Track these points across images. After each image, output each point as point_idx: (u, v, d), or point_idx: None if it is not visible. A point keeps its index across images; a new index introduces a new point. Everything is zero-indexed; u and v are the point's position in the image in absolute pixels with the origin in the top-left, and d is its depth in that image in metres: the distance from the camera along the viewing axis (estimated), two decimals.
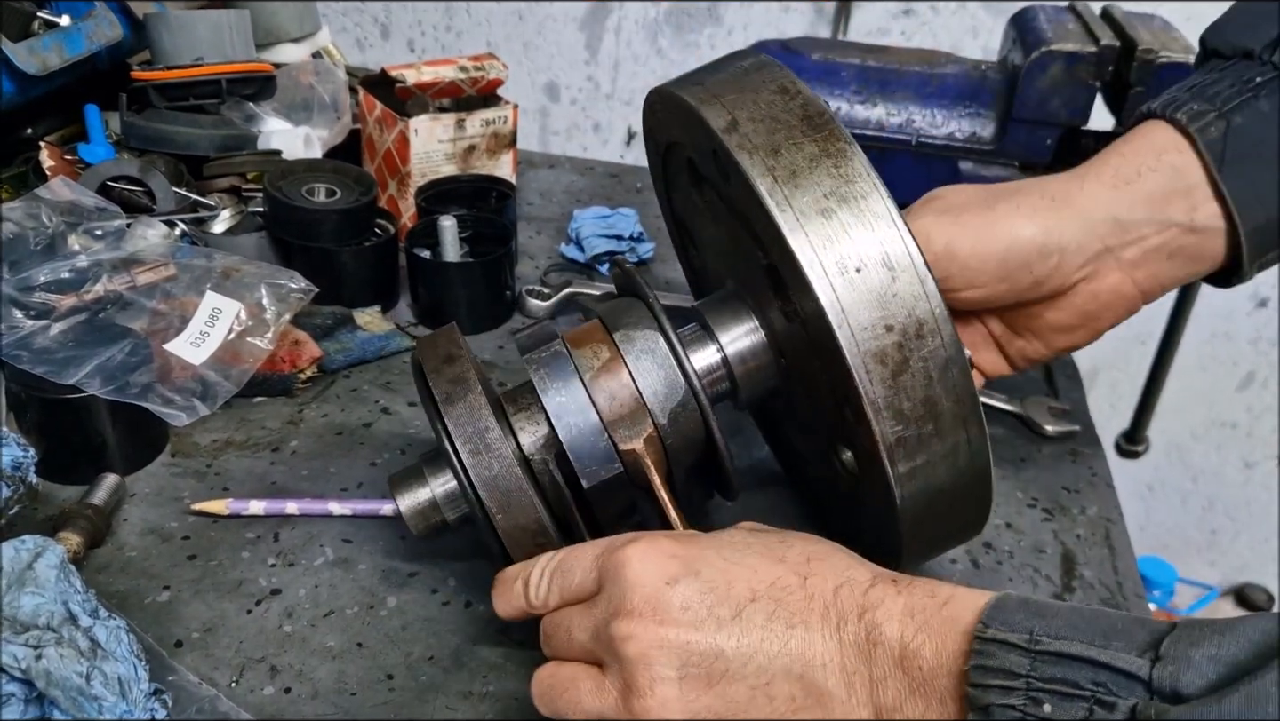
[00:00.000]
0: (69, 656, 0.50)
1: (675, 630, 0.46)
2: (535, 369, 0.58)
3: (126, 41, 1.04)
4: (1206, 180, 0.61)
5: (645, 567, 0.48)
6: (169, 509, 0.69)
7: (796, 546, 0.50)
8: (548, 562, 0.53)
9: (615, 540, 0.51)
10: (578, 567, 0.51)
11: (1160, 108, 0.63)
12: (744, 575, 0.48)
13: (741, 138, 0.51)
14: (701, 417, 0.57)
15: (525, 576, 0.54)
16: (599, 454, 0.56)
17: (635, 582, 0.47)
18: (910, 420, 0.49)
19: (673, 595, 0.47)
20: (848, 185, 0.49)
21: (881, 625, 0.45)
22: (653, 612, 0.47)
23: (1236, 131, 0.60)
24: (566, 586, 0.52)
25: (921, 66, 0.98)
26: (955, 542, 0.61)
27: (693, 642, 0.46)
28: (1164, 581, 2.09)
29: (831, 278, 0.48)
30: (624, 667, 0.47)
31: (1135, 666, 0.38)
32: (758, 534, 0.52)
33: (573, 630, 0.50)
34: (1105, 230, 0.62)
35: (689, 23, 1.97)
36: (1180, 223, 0.62)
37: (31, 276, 0.75)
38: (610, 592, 0.48)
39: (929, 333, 0.48)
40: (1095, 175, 0.64)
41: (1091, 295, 0.64)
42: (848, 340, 0.48)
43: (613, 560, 0.49)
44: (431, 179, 0.99)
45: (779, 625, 0.46)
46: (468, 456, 0.54)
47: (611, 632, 0.47)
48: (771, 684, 0.46)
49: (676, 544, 0.49)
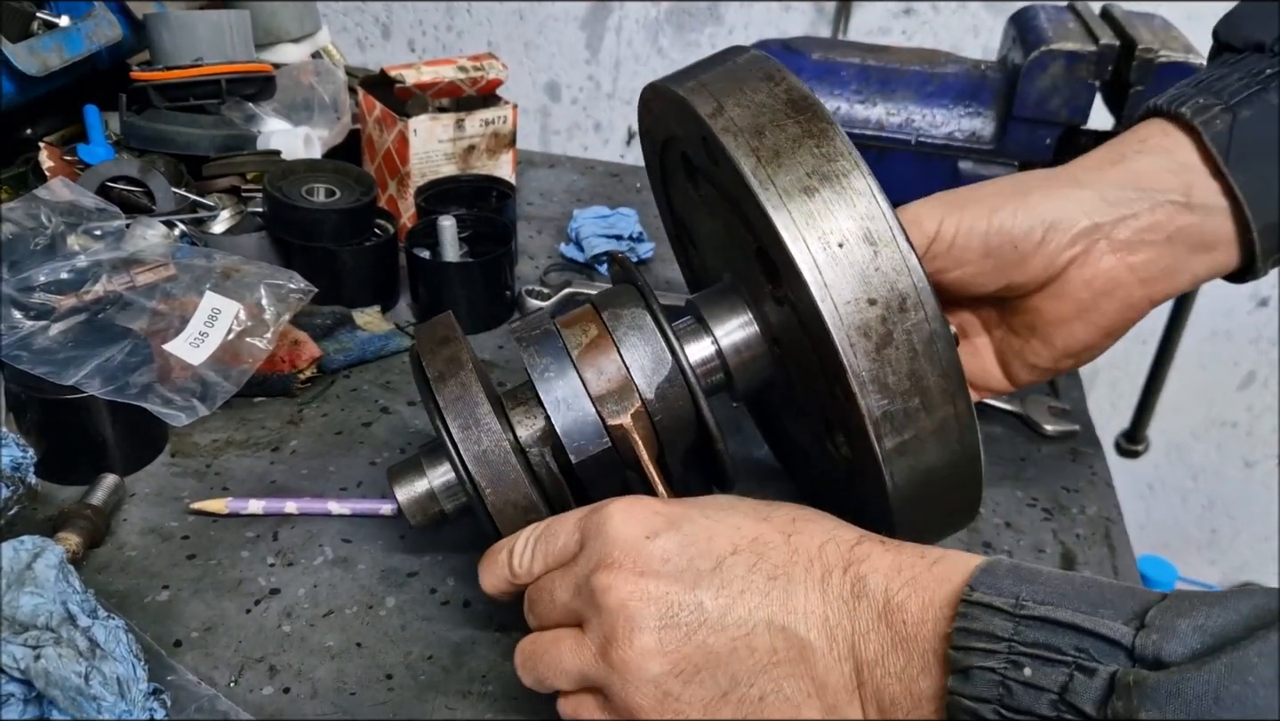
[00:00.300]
0: (68, 656, 0.50)
1: (655, 581, 0.46)
2: (525, 346, 0.58)
3: (126, 42, 1.04)
4: (1206, 167, 0.60)
5: (627, 522, 0.48)
6: (168, 508, 0.69)
7: (783, 509, 0.51)
8: (531, 532, 0.53)
9: (599, 503, 0.51)
10: (561, 532, 0.52)
11: (1166, 103, 0.62)
12: (726, 531, 0.48)
13: (727, 121, 0.52)
14: (690, 395, 0.57)
15: (510, 547, 0.54)
16: (588, 430, 0.57)
17: (616, 537, 0.48)
18: (896, 394, 0.49)
19: (653, 547, 0.47)
20: (829, 164, 0.50)
21: (867, 577, 0.45)
22: (633, 564, 0.47)
23: (1244, 124, 0.59)
24: (550, 551, 0.52)
25: (921, 66, 0.98)
26: (950, 529, 0.61)
27: (672, 593, 0.46)
28: (1164, 580, 2.09)
29: (815, 253, 0.49)
30: (603, 619, 0.47)
31: (1119, 633, 0.38)
32: (744, 500, 0.52)
33: (555, 591, 0.50)
34: (1091, 206, 0.61)
35: (690, 22, 1.97)
36: (1175, 200, 0.60)
37: (31, 277, 0.75)
38: (591, 548, 0.49)
39: (912, 306, 0.49)
40: (1080, 162, 0.64)
41: (1085, 282, 0.62)
42: (831, 314, 0.48)
43: (595, 518, 0.50)
44: (431, 179, 0.99)
45: (760, 577, 0.47)
46: (458, 431, 0.55)
47: (592, 585, 0.47)
48: (752, 635, 0.46)
49: (659, 502, 0.50)
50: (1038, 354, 0.66)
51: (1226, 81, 0.61)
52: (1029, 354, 0.66)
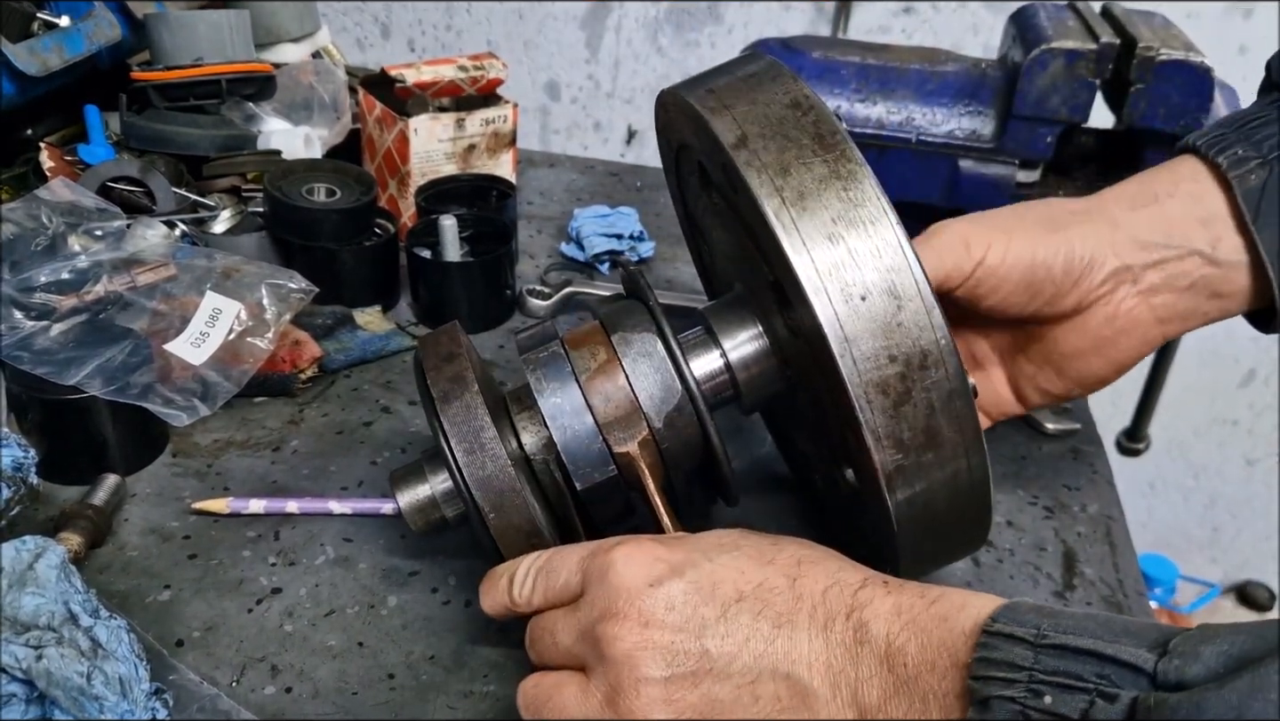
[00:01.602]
0: (70, 656, 0.50)
1: (660, 631, 0.46)
2: (532, 369, 0.58)
3: (126, 42, 1.04)
4: (1233, 220, 0.60)
5: (630, 570, 0.48)
6: (170, 508, 0.69)
7: (787, 550, 0.50)
8: (533, 562, 0.53)
9: (602, 543, 0.51)
10: (563, 569, 0.51)
11: (1205, 146, 0.61)
12: (730, 576, 0.48)
13: (751, 154, 0.50)
14: (699, 422, 0.57)
15: (510, 574, 0.54)
16: (593, 456, 0.56)
17: (619, 586, 0.48)
18: (910, 449, 0.49)
19: (658, 596, 0.47)
20: (856, 209, 0.48)
21: (869, 623, 0.45)
22: (638, 614, 0.47)
23: (1278, 182, 0.58)
24: (551, 587, 0.52)
25: (921, 64, 0.97)
26: (954, 558, 0.61)
27: (678, 643, 0.46)
28: (1165, 579, 2.09)
29: (836, 304, 0.47)
30: (609, 669, 0.47)
31: (1141, 659, 0.37)
32: (748, 536, 0.52)
33: (557, 633, 0.51)
34: (1125, 249, 0.61)
35: (689, 21, 1.97)
36: (1202, 251, 0.60)
37: (32, 277, 0.75)
38: (595, 595, 0.49)
39: (933, 363, 0.48)
40: (1114, 197, 0.63)
41: (1107, 319, 0.62)
42: (849, 369, 0.47)
43: (597, 563, 0.49)
44: (431, 178, 0.99)
45: (765, 624, 0.47)
46: (462, 455, 0.55)
47: (597, 634, 0.47)
48: (757, 682, 0.46)
49: (662, 546, 0.50)
50: (1051, 381, 0.66)
51: (1268, 130, 0.60)
52: (1042, 380, 0.66)
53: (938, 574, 0.68)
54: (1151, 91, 0.87)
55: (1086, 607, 0.67)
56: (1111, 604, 0.68)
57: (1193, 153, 0.62)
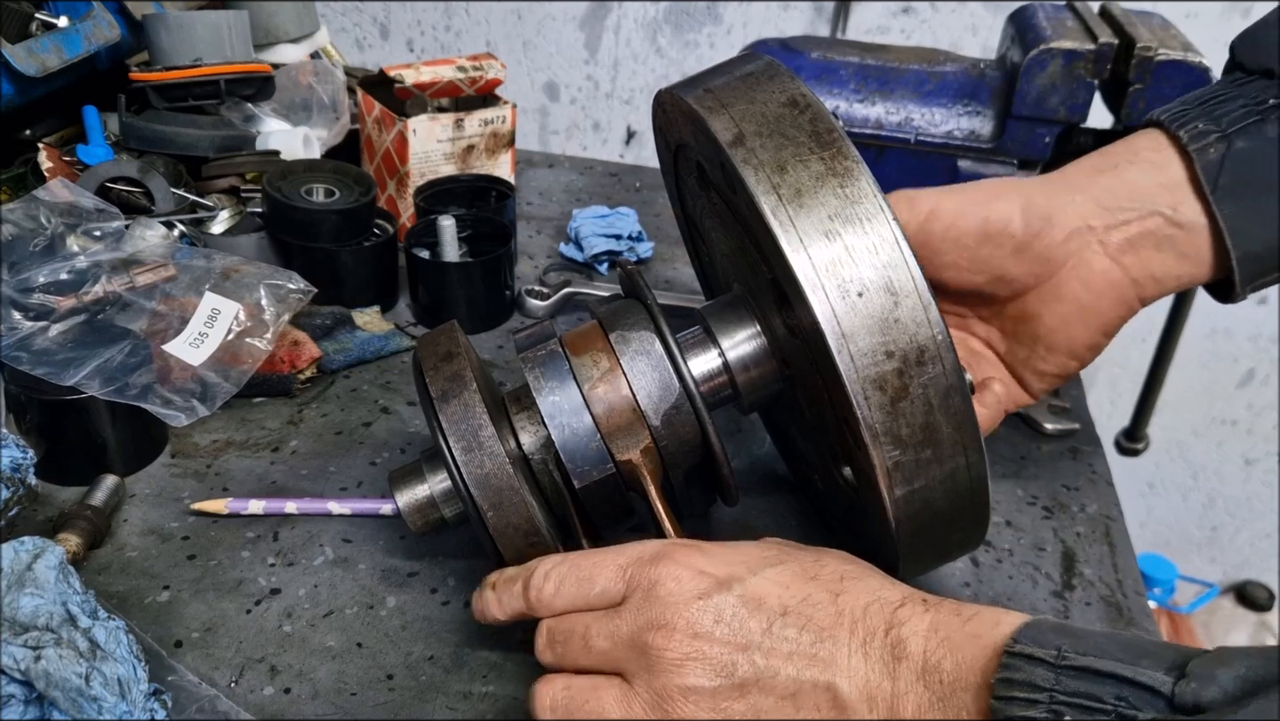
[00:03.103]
0: (68, 657, 0.50)
1: (709, 643, 0.48)
2: (530, 368, 0.58)
3: (125, 42, 1.04)
4: (1193, 189, 0.61)
5: (679, 583, 0.49)
6: (169, 509, 0.69)
7: (830, 565, 0.51)
8: (555, 566, 0.53)
9: (643, 552, 0.52)
10: (599, 576, 0.52)
11: (1168, 119, 0.62)
12: (775, 591, 0.49)
13: (748, 152, 0.50)
14: (697, 421, 0.57)
15: (525, 578, 0.54)
16: (592, 455, 0.56)
17: (668, 599, 0.49)
18: (908, 445, 0.49)
19: (706, 609, 0.48)
20: (853, 206, 0.48)
21: (906, 640, 0.46)
22: (686, 625, 0.48)
23: (1236, 155, 0.59)
24: (584, 593, 0.52)
25: (920, 64, 0.98)
26: (952, 557, 0.61)
27: (725, 654, 0.48)
28: (1164, 579, 2.09)
29: (833, 301, 0.47)
30: (656, 678, 0.48)
31: (1159, 682, 0.38)
32: (789, 551, 0.53)
33: (591, 637, 0.51)
34: (1087, 210, 0.62)
35: (688, 21, 1.97)
36: (1163, 212, 0.61)
37: (30, 278, 0.75)
38: (641, 605, 0.50)
39: (930, 359, 0.48)
40: (1074, 167, 0.65)
41: (1083, 282, 0.63)
42: (847, 366, 0.47)
43: (643, 576, 0.50)
44: (430, 179, 0.99)
45: (808, 638, 0.48)
46: (460, 454, 0.55)
47: (644, 643, 0.48)
48: (799, 694, 0.47)
49: (706, 558, 0.51)
50: (1044, 359, 0.66)
51: (1229, 107, 0.61)
52: (1036, 360, 0.67)
53: (935, 574, 0.68)
54: (1150, 92, 0.87)
55: (1087, 606, 0.67)
56: (1110, 604, 0.68)
57: (1156, 126, 0.64)
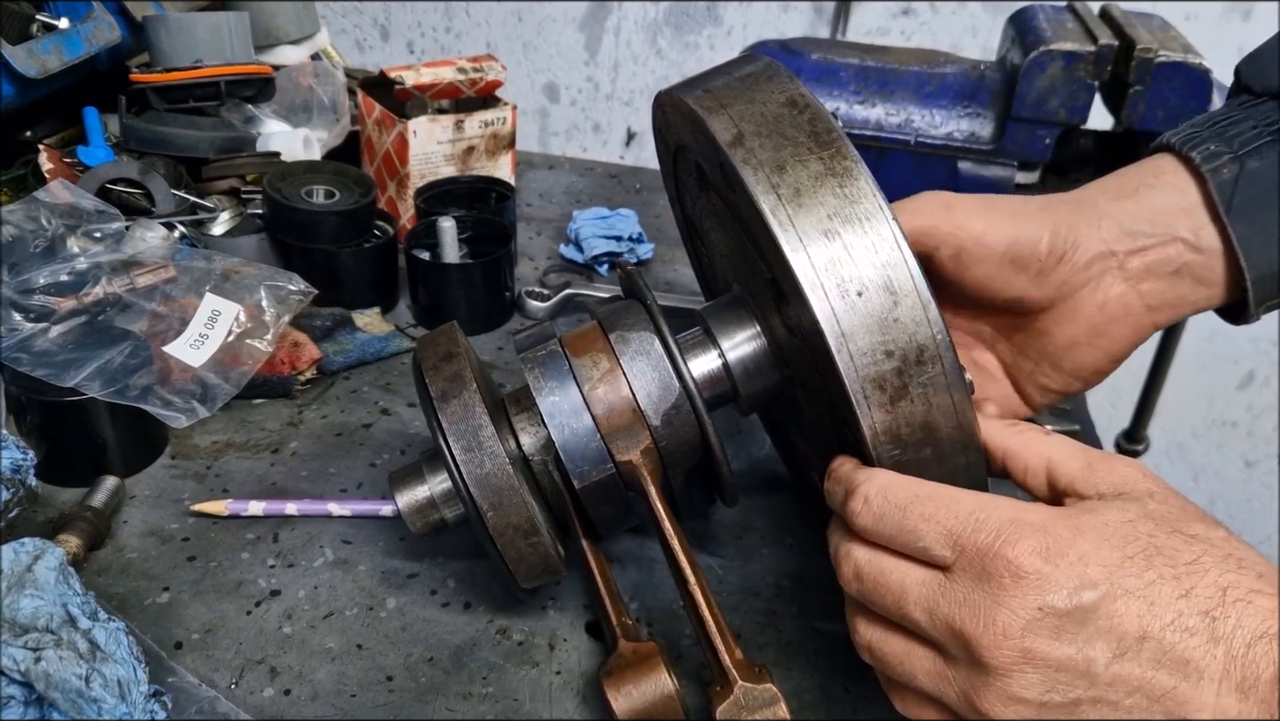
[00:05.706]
0: (68, 658, 0.50)
1: (1043, 658, 0.43)
2: (530, 368, 0.58)
3: (125, 44, 1.04)
4: (1208, 212, 0.61)
5: (1018, 585, 0.43)
6: (169, 510, 0.69)
7: (1211, 575, 0.43)
8: (877, 494, 0.48)
9: (980, 521, 0.45)
10: (926, 535, 0.46)
11: (1179, 143, 0.62)
12: (1136, 610, 0.42)
13: (747, 152, 0.50)
14: (697, 421, 0.57)
15: (851, 487, 0.49)
16: (591, 456, 0.57)
17: (1003, 599, 0.43)
18: (908, 445, 0.49)
19: (1044, 624, 0.43)
20: (852, 206, 0.48)
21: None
22: (1020, 634, 0.43)
23: (1249, 176, 0.59)
24: (905, 543, 0.47)
25: (920, 66, 0.98)
26: None
27: (1062, 674, 0.43)
28: None
29: (832, 300, 0.47)
30: (976, 675, 0.44)
31: None
32: (1162, 539, 0.45)
33: (906, 604, 0.47)
34: (1111, 235, 0.62)
35: (688, 23, 1.97)
36: (1185, 238, 0.61)
37: (31, 279, 0.75)
38: (968, 594, 0.45)
39: (930, 359, 0.48)
40: (1099, 188, 0.64)
41: (1098, 306, 0.63)
42: (846, 365, 0.47)
43: (979, 558, 0.45)
44: (431, 180, 0.99)
45: (1164, 674, 0.42)
46: (460, 453, 0.55)
47: (969, 637, 0.44)
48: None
49: (1057, 549, 0.44)
50: (1049, 376, 0.67)
51: (1240, 129, 0.61)
52: (1040, 376, 0.67)
53: None
54: (1150, 93, 0.88)
55: None
56: None
57: (1167, 150, 0.64)
